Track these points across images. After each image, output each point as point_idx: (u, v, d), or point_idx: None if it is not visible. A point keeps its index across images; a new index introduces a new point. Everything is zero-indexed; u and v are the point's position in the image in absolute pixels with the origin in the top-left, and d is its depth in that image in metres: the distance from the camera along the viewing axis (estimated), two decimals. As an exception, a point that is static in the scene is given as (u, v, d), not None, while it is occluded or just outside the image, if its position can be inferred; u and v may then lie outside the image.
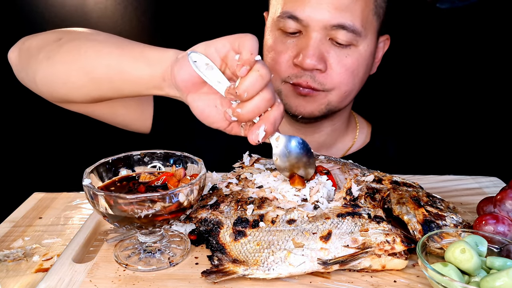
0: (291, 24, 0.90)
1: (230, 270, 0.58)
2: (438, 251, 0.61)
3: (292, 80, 0.93)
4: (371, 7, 0.90)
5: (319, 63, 0.89)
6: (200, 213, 0.69)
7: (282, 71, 0.94)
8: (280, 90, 0.97)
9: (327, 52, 0.90)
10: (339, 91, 0.93)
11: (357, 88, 0.97)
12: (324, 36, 0.89)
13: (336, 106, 0.97)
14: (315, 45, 0.89)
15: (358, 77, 0.94)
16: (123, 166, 0.70)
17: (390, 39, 1.03)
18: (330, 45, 0.90)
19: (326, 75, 0.91)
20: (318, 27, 0.88)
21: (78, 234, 0.71)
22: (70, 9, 1.55)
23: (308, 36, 0.89)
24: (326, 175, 0.73)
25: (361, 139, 1.13)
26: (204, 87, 0.66)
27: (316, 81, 0.91)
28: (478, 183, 0.91)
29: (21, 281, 0.63)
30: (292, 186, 0.70)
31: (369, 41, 0.93)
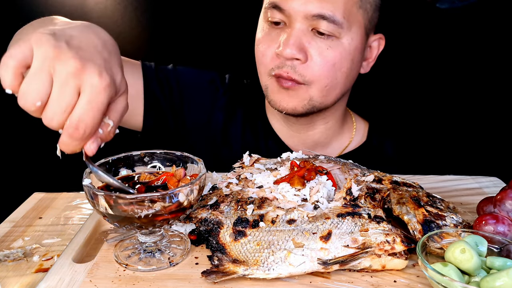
0: (276, 14, 0.91)
1: (230, 270, 0.59)
2: (438, 251, 0.61)
3: (275, 71, 0.93)
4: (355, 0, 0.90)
5: (298, 52, 0.89)
6: (200, 213, 0.69)
7: (267, 63, 0.95)
8: (267, 85, 0.98)
9: (309, 42, 0.90)
10: (320, 85, 0.93)
11: (341, 83, 0.95)
12: (307, 27, 0.90)
13: (321, 102, 0.96)
14: (296, 34, 0.89)
15: (341, 72, 0.93)
16: (123, 166, 0.70)
17: (384, 39, 1.02)
18: (312, 36, 0.90)
19: (307, 67, 0.91)
20: (299, 17, 0.89)
21: (78, 234, 0.71)
22: (70, 9, 1.55)
23: (291, 27, 0.91)
24: (326, 175, 0.73)
25: (358, 138, 1.13)
26: None
27: (296, 72, 0.91)
28: (478, 183, 0.91)
29: (21, 281, 0.63)
30: (292, 186, 0.70)
31: (354, 34, 0.92)
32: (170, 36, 1.61)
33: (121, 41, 1.64)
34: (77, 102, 0.53)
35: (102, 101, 0.54)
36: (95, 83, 0.53)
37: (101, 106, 0.54)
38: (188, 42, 1.61)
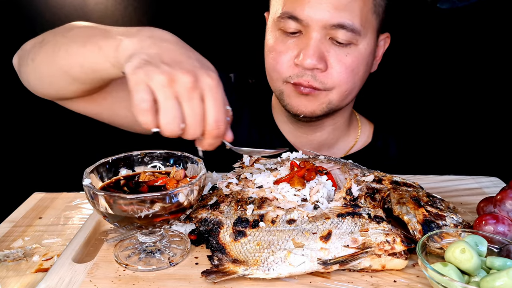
0: (291, 24, 0.91)
1: (230, 270, 0.58)
2: (438, 251, 0.61)
3: (293, 80, 0.93)
4: (370, 6, 0.90)
5: (319, 62, 0.89)
6: (200, 213, 0.69)
7: (283, 71, 0.94)
8: (282, 90, 0.97)
9: (327, 51, 0.90)
10: (340, 90, 0.94)
11: (357, 86, 0.98)
12: (324, 36, 0.90)
13: (337, 105, 0.97)
14: (315, 44, 0.89)
15: (358, 76, 0.95)
16: (123, 166, 0.70)
17: (390, 37, 1.03)
18: (330, 44, 0.91)
19: (327, 74, 0.91)
20: (318, 27, 0.88)
21: (78, 234, 0.71)
22: (70, 9, 1.55)
23: (308, 36, 0.90)
24: (326, 175, 0.73)
25: (363, 138, 1.13)
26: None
27: (317, 80, 0.91)
28: (478, 183, 0.91)
29: (21, 281, 0.63)
30: (292, 186, 0.70)
31: (369, 39, 0.93)
32: (170, 36, 1.61)
33: (121, 41, 1.64)
34: (205, 107, 0.59)
35: (221, 94, 0.61)
36: (210, 83, 0.60)
37: (222, 99, 0.61)
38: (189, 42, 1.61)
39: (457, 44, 1.50)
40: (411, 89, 1.57)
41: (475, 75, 1.53)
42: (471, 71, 1.52)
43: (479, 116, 1.55)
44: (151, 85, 0.57)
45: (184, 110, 0.58)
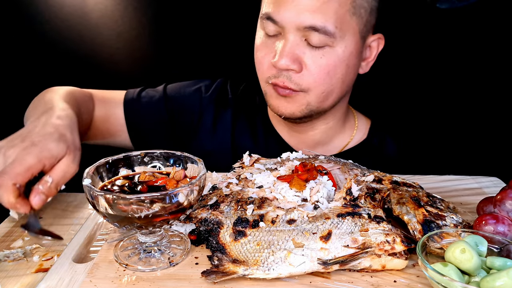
0: (271, 26, 0.92)
1: (230, 270, 0.58)
2: (438, 251, 0.61)
3: (272, 80, 0.95)
4: (347, 7, 0.90)
5: (292, 63, 0.90)
6: (200, 213, 0.69)
7: (264, 71, 0.97)
8: (265, 90, 1.00)
9: (303, 53, 0.91)
10: (316, 92, 0.94)
11: (337, 88, 0.97)
12: (300, 37, 0.90)
13: (318, 107, 0.97)
14: (289, 45, 0.90)
15: (336, 78, 0.94)
16: (123, 166, 0.70)
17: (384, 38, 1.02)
18: (305, 46, 0.91)
19: (302, 76, 0.92)
20: (292, 28, 0.90)
21: (78, 234, 0.71)
22: (70, 9, 1.55)
23: (285, 37, 0.91)
24: (326, 175, 0.73)
25: (359, 135, 1.13)
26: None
27: (292, 81, 0.93)
28: (478, 183, 0.91)
29: (21, 281, 0.63)
30: (290, 187, 0.70)
31: (348, 41, 0.92)
32: (170, 36, 1.61)
33: (121, 41, 1.65)
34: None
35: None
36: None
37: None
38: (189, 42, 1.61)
39: (457, 44, 1.50)
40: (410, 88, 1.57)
41: (475, 75, 1.53)
42: (470, 71, 1.52)
43: (479, 116, 1.55)
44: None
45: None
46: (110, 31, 1.59)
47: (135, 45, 1.62)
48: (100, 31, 1.59)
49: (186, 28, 1.59)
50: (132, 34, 1.60)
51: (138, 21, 1.59)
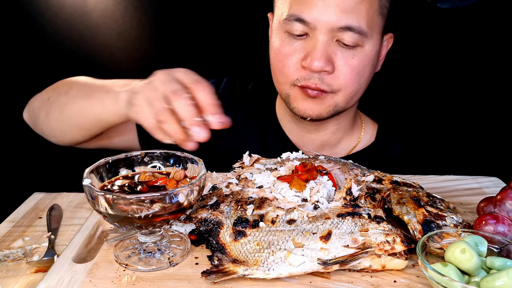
0: (298, 26, 0.91)
1: (230, 270, 0.58)
2: (438, 251, 0.61)
3: (301, 83, 0.93)
4: (375, 7, 0.91)
5: (326, 65, 0.89)
6: (200, 213, 0.69)
7: (290, 74, 0.94)
8: (288, 93, 0.97)
9: (334, 53, 0.91)
10: (346, 92, 0.94)
11: (363, 88, 0.98)
12: (331, 38, 0.90)
13: (343, 107, 0.98)
14: (322, 47, 0.89)
15: (364, 77, 0.95)
16: (123, 166, 0.70)
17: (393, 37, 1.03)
18: (336, 47, 0.90)
19: (334, 77, 0.92)
20: (325, 29, 0.88)
21: (78, 234, 0.71)
22: (70, 9, 1.55)
23: (315, 38, 0.90)
24: (326, 175, 0.73)
25: (366, 138, 1.13)
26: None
27: (324, 83, 0.92)
28: (478, 183, 0.91)
29: (21, 281, 0.63)
30: (290, 187, 0.69)
31: (374, 41, 0.94)
32: (171, 36, 1.61)
33: (121, 41, 1.65)
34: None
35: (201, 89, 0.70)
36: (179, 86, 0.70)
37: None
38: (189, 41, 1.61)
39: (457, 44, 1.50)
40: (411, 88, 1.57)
41: (475, 75, 1.52)
42: (471, 71, 1.52)
43: (479, 116, 1.55)
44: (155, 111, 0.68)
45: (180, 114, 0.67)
46: (111, 31, 1.59)
47: (135, 45, 1.62)
48: (101, 30, 1.59)
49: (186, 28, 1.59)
50: (132, 34, 1.60)
51: (138, 20, 1.59)
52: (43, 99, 1.00)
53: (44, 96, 1.01)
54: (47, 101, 0.98)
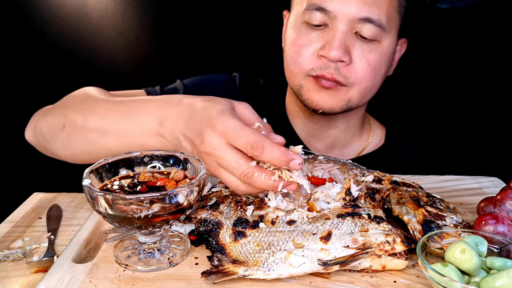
0: (318, 16, 0.90)
1: (230, 271, 0.58)
2: (438, 251, 0.61)
3: (316, 72, 0.92)
4: (395, 4, 0.91)
5: (344, 55, 0.88)
6: (199, 214, 0.69)
7: (306, 63, 0.93)
8: (301, 85, 0.96)
9: (352, 45, 0.90)
10: (361, 87, 0.93)
11: (376, 85, 0.97)
12: (350, 29, 0.89)
13: (357, 104, 0.97)
14: (341, 37, 0.89)
15: (380, 74, 0.95)
16: (123, 166, 0.70)
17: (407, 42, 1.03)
18: (355, 39, 0.90)
19: (350, 68, 0.91)
20: (345, 19, 0.88)
21: (78, 234, 0.71)
22: (70, 9, 1.55)
23: (334, 28, 0.89)
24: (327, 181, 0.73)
25: (375, 141, 1.13)
26: None
27: (340, 74, 0.91)
28: (478, 183, 0.91)
29: (21, 281, 0.63)
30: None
31: (392, 39, 0.93)
32: (170, 35, 1.61)
33: (121, 41, 1.65)
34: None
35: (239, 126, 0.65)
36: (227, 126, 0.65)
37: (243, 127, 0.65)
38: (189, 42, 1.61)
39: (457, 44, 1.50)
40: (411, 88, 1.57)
41: (475, 75, 1.53)
42: (471, 71, 1.52)
43: (479, 116, 1.55)
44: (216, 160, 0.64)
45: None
46: (110, 31, 1.59)
47: (135, 45, 1.62)
48: (100, 31, 1.59)
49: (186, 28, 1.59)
50: (132, 34, 1.60)
51: (138, 21, 1.59)
52: (54, 126, 0.87)
53: (56, 122, 0.87)
54: (62, 130, 0.85)
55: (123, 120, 0.77)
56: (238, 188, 0.64)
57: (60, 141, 0.86)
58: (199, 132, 0.65)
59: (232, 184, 0.64)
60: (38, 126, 0.92)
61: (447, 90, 1.56)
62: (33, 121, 0.94)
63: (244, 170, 0.62)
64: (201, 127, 0.65)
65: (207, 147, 0.64)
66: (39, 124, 0.92)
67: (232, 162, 0.62)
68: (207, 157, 0.65)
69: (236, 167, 0.62)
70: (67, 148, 0.85)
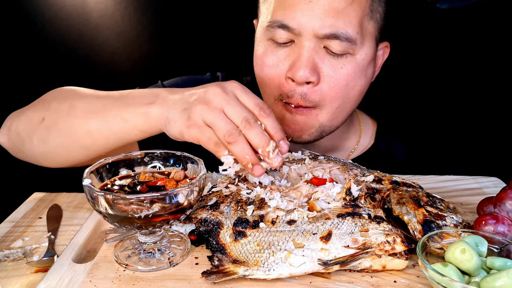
0: (282, 33, 0.84)
1: (231, 271, 0.58)
2: (438, 251, 0.61)
3: (284, 99, 0.88)
4: (366, 11, 0.85)
5: (312, 74, 0.83)
6: (200, 214, 0.69)
7: (274, 88, 0.89)
8: (272, 108, 0.93)
9: (322, 61, 0.84)
10: (331, 107, 0.88)
11: (352, 102, 0.91)
12: (318, 45, 0.83)
13: (330, 126, 0.92)
14: (307, 54, 0.83)
15: (354, 90, 0.88)
16: (123, 166, 0.70)
17: (389, 46, 0.98)
18: (324, 54, 0.84)
19: (317, 90, 0.85)
20: (310, 35, 0.82)
21: (78, 234, 0.71)
22: (70, 9, 1.55)
23: (300, 45, 0.84)
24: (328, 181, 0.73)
25: (365, 139, 1.10)
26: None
27: (307, 99, 0.86)
28: (478, 183, 0.91)
29: (21, 281, 0.63)
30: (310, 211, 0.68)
31: (367, 48, 0.87)
32: (170, 35, 1.61)
33: (121, 41, 1.65)
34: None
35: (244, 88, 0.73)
36: (234, 85, 0.72)
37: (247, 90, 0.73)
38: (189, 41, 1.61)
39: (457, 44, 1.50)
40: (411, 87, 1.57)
41: (475, 75, 1.53)
42: (470, 71, 1.52)
43: (479, 116, 1.55)
44: (207, 123, 0.67)
45: (232, 119, 0.67)
46: (110, 31, 1.59)
47: (135, 45, 1.62)
48: (100, 31, 1.59)
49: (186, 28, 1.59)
50: (132, 34, 1.60)
51: (138, 21, 1.59)
52: (32, 121, 0.85)
53: (34, 117, 0.85)
54: (41, 123, 0.83)
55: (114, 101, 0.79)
56: (215, 146, 0.68)
57: (37, 137, 0.84)
58: (204, 88, 0.70)
59: (211, 142, 0.67)
60: (13, 127, 0.89)
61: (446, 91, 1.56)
62: (7, 123, 0.91)
63: (231, 129, 0.65)
64: (205, 87, 0.70)
65: (210, 95, 0.68)
66: (15, 124, 0.89)
67: (227, 120, 0.66)
68: (200, 108, 0.67)
69: (227, 125, 0.66)
70: (43, 143, 0.83)
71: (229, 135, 0.65)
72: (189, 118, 0.68)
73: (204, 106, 0.67)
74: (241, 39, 1.43)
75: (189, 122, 0.68)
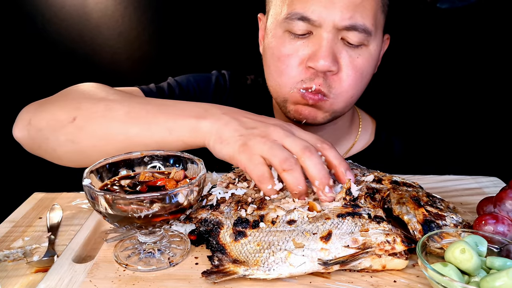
0: (301, 25, 0.86)
1: (231, 271, 0.58)
2: (438, 251, 0.61)
3: (306, 84, 0.89)
4: (379, 4, 0.89)
5: (333, 64, 0.86)
6: (200, 213, 0.69)
7: (295, 74, 0.90)
8: (286, 98, 0.93)
9: (340, 52, 0.87)
10: (347, 95, 0.91)
11: (362, 90, 0.96)
12: (336, 36, 0.86)
13: (341, 112, 0.95)
14: (328, 45, 0.85)
15: (366, 79, 0.93)
16: (123, 166, 0.70)
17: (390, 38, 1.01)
18: (342, 45, 0.87)
19: (337, 78, 0.89)
20: (330, 27, 0.85)
21: (78, 234, 0.71)
22: (70, 9, 1.55)
23: (319, 37, 0.86)
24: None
25: (365, 136, 1.11)
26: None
27: (326, 83, 0.88)
28: (478, 183, 0.91)
29: (21, 281, 0.63)
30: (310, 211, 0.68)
31: (378, 40, 0.91)
32: (170, 35, 1.61)
33: (121, 41, 1.65)
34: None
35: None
36: (288, 126, 0.74)
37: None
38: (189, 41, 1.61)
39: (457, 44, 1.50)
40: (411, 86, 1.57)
41: (475, 75, 1.53)
42: (470, 71, 1.52)
43: (479, 116, 1.55)
44: (261, 155, 0.66)
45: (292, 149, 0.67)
46: (111, 31, 1.59)
47: (135, 45, 1.62)
48: (100, 31, 1.59)
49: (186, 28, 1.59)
50: (132, 34, 1.60)
51: (138, 21, 1.59)
52: (60, 120, 0.81)
53: (62, 115, 0.81)
54: (71, 122, 0.79)
55: (157, 108, 0.78)
56: (260, 177, 0.67)
57: (65, 136, 0.80)
58: (263, 121, 0.72)
59: (257, 170, 0.67)
60: (34, 122, 0.84)
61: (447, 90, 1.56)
62: (25, 116, 0.86)
63: (289, 156, 0.65)
64: (264, 121, 0.72)
65: (270, 130, 0.69)
66: (36, 119, 0.84)
67: (284, 149, 0.66)
68: (258, 140, 0.67)
69: (284, 152, 0.66)
70: (72, 143, 0.79)
71: (285, 161, 0.64)
72: (244, 145, 0.67)
73: (263, 138, 0.67)
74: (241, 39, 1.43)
75: (243, 148, 0.67)
